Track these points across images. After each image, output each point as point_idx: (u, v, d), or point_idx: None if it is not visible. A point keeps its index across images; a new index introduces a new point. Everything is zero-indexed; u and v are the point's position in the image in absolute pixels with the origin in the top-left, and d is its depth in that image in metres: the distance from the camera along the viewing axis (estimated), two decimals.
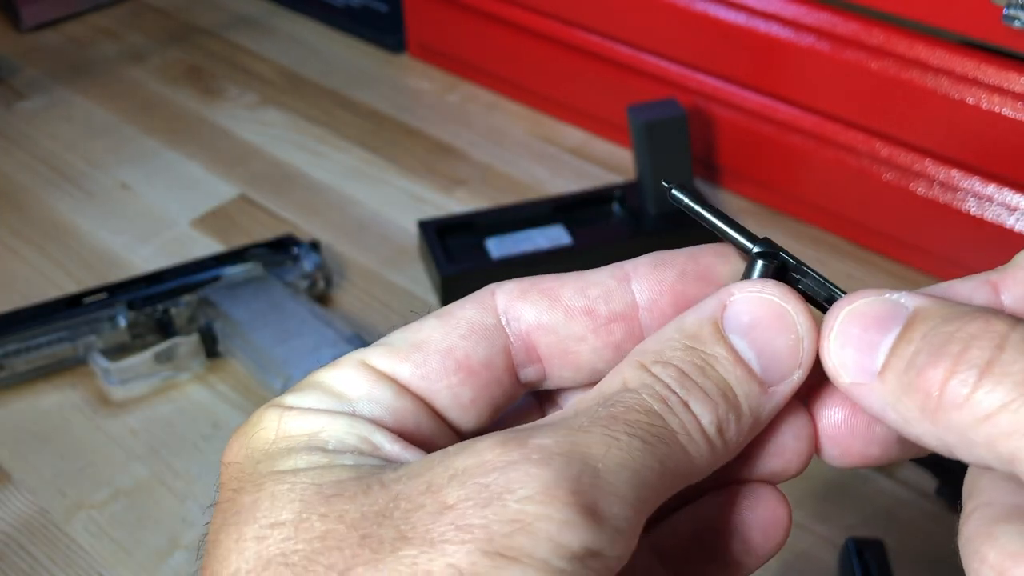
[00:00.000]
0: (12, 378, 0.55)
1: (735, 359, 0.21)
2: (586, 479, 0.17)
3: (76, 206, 0.69)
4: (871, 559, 0.43)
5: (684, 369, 0.20)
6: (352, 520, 0.18)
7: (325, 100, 0.80)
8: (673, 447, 0.19)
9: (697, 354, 0.21)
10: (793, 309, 0.21)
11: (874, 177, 0.60)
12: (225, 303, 0.55)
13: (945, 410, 0.18)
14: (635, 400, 0.19)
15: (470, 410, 0.22)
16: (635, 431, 0.19)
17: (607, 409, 0.19)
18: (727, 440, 0.20)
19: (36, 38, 0.89)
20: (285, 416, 0.20)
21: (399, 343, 0.22)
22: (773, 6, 0.60)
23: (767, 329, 0.21)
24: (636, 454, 0.18)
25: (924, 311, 0.19)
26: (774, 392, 0.21)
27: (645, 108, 0.61)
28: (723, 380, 0.21)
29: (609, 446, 0.18)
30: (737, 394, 0.21)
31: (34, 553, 0.47)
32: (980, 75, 0.54)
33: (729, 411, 0.20)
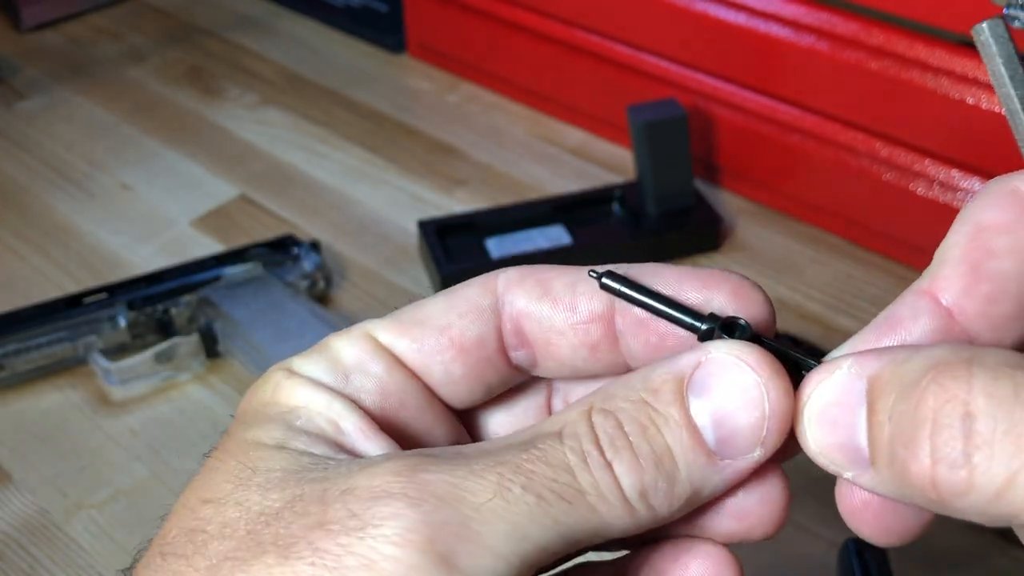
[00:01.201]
0: (12, 378, 0.55)
1: (685, 424, 0.19)
2: (451, 527, 0.17)
3: (76, 206, 0.69)
4: (871, 559, 0.43)
5: (624, 424, 0.19)
6: (253, 514, 0.18)
7: (325, 100, 0.80)
8: (577, 505, 0.18)
9: (647, 411, 0.19)
10: (765, 383, 0.19)
11: (874, 177, 0.60)
12: (225, 303, 0.55)
13: (952, 500, 0.16)
14: (553, 452, 0.19)
15: (461, 386, 0.22)
16: (532, 485, 0.18)
17: (521, 454, 0.19)
18: (653, 506, 0.19)
19: (36, 38, 0.89)
20: (283, 382, 0.21)
21: (404, 317, 0.23)
22: (773, 6, 0.60)
23: (731, 399, 0.19)
24: (522, 508, 0.18)
25: (877, 382, 0.18)
26: (726, 466, 0.20)
27: (645, 108, 0.61)
28: (663, 444, 0.19)
29: (494, 495, 0.18)
30: (677, 462, 0.19)
31: (34, 553, 0.47)
32: (980, 75, 0.54)
33: (660, 478, 0.19)
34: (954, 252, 0.20)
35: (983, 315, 0.19)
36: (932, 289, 0.20)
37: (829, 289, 0.61)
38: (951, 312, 0.20)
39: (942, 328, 0.20)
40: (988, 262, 0.19)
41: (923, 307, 0.20)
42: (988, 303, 0.19)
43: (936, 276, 0.20)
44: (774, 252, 0.64)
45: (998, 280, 0.19)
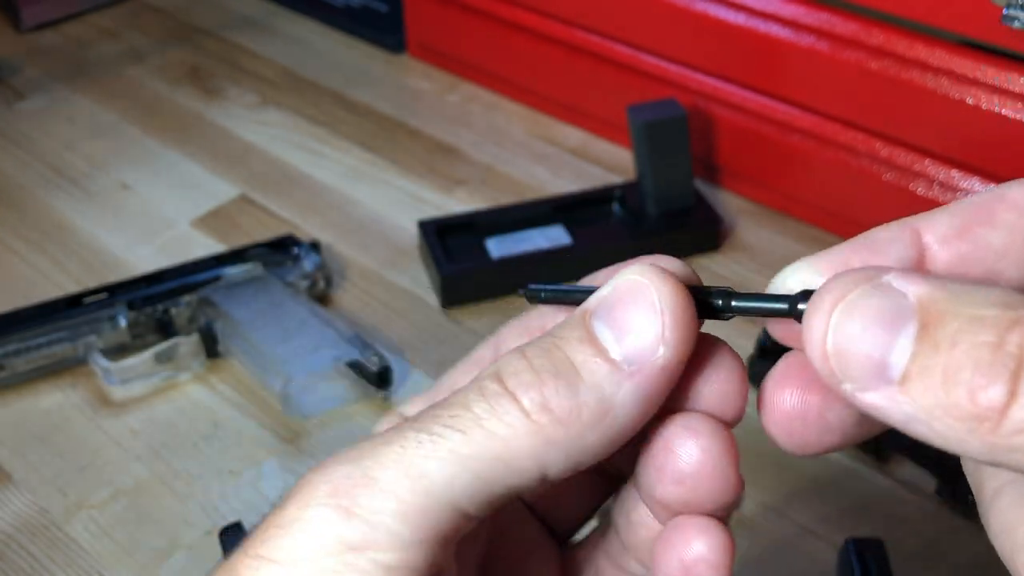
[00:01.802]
0: (12, 378, 0.55)
1: (584, 338, 0.20)
2: (351, 479, 0.19)
3: (76, 206, 0.69)
4: (871, 559, 0.43)
5: (528, 352, 0.20)
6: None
7: (325, 100, 0.80)
8: (472, 435, 0.19)
9: (552, 340, 0.20)
10: (651, 281, 0.20)
11: (874, 177, 0.60)
12: (225, 303, 0.55)
13: (1006, 433, 0.16)
14: (457, 396, 0.20)
15: None
16: (428, 426, 0.19)
17: (433, 407, 0.20)
18: (559, 418, 0.19)
19: (36, 38, 0.89)
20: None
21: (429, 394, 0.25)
22: (773, 6, 0.60)
23: (624, 306, 0.20)
24: (416, 449, 0.19)
25: (935, 305, 0.17)
26: (634, 372, 0.19)
27: (645, 108, 0.61)
28: (563, 357, 0.20)
29: (389, 443, 0.19)
30: (579, 370, 0.19)
31: (34, 553, 0.47)
32: (980, 75, 0.54)
33: (560, 386, 0.19)
34: (960, 205, 0.20)
35: (948, 270, 0.20)
36: (918, 225, 0.20)
37: None
38: (924, 251, 0.20)
39: (911, 261, 0.20)
40: (982, 226, 0.20)
41: (903, 238, 0.20)
42: (960, 261, 0.20)
43: (930, 217, 0.20)
44: (774, 252, 0.64)
45: (980, 245, 0.19)
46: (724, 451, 0.21)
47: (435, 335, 0.58)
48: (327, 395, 0.54)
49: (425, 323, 0.59)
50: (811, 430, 0.20)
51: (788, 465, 0.48)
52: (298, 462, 0.51)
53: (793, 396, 0.20)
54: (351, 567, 0.18)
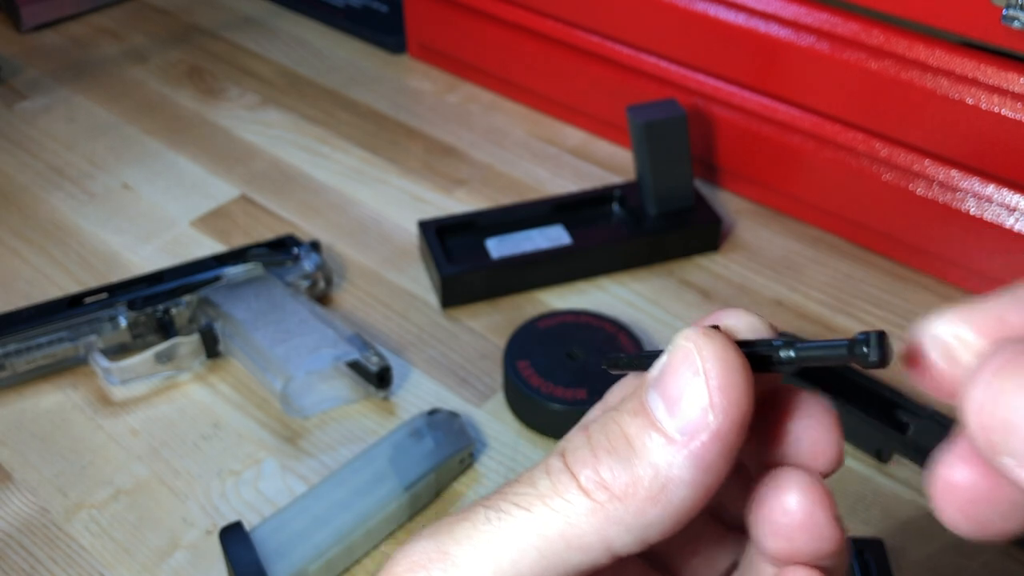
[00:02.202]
0: (13, 378, 0.55)
1: (638, 411, 0.20)
2: (428, 554, 0.20)
3: (77, 206, 0.69)
4: (871, 558, 0.43)
5: (589, 428, 0.20)
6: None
7: (326, 101, 0.80)
8: (536, 512, 0.19)
9: (611, 414, 0.20)
10: (695, 345, 0.19)
11: (873, 177, 0.61)
12: (226, 303, 0.55)
13: None
14: (529, 471, 0.20)
15: None
16: (494, 503, 0.20)
17: (506, 484, 0.20)
18: (617, 495, 0.19)
19: (37, 38, 0.90)
20: None
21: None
22: (773, 6, 0.60)
23: (672, 374, 0.19)
24: (486, 526, 0.19)
25: None
26: (688, 442, 0.19)
27: (645, 108, 0.61)
28: (618, 432, 0.20)
29: (462, 521, 0.20)
30: (633, 445, 0.19)
31: (34, 552, 0.47)
32: (979, 75, 0.54)
33: (616, 464, 0.19)
34: None
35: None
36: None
37: (828, 289, 0.61)
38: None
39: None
40: None
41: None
42: None
43: None
44: (774, 252, 0.64)
45: None
46: (816, 503, 0.20)
47: (435, 335, 0.58)
48: (327, 395, 0.54)
49: (425, 323, 0.59)
50: (986, 510, 0.18)
51: None
52: (298, 461, 0.51)
53: (966, 474, 0.18)
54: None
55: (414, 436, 0.48)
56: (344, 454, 0.51)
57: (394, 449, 0.47)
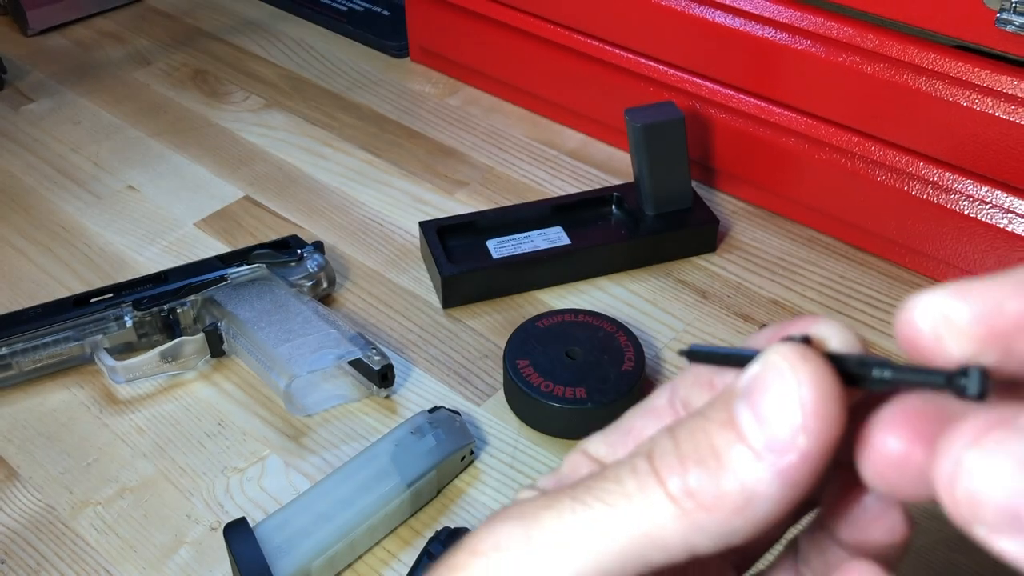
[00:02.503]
0: (19, 377, 0.55)
1: (727, 422, 0.20)
2: (513, 537, 0.21)
3: (83, 207, 0.70)
4: None
5: (677, 435, 0.20)
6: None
7: (328, 103, 0.80)
8: (619, 508, 0.20)
9: (699, 420, 0.20)
10: (792, 365, 0.19)
11: (868, 179, 0.61)
12: (230, 303, 0.56)
13: None
14: (612, 467, 0.21)
15: None
16: (580, 495, 0.20)
17: (592, 475, 0.21)
18: (702, 504, 0.19)
19: (42, 42, 0.90)
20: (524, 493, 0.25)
21: (610, 428, 0.26)
22: (768, 10, 0.61)
23: (769, 393, 0.19)
24: (568, 516, 0.20)
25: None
26: (777, 460, 0.19)
27: (643, 111, 0.61)
28: (707, 444, 0.20)
29: (548, 507, 0.21)
30: (720, 458, 0.19)
31: (41, 550, 0.48)
32: (974, 78, 0.54)
33: (703, 475, 0.19)
34: None
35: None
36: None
37: (824, 289, 0.61)
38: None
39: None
40: None
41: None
42: None
43: None
44: (770, 253, 0.64)
45: None
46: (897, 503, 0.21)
47: (436, 334, 0.59)
48: (330, 393, 0.54)
49: (426, 322, 0.59)
50: (906, 481, 0.19)
51: None
52: (301, 459, 0.51)
53: (898, 444, 0.19)
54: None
55: (416, 434, 0.49)
56: (347, 452, 0.51)
57: (396, 447, 0.48)
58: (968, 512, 0.17)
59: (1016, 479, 0.16)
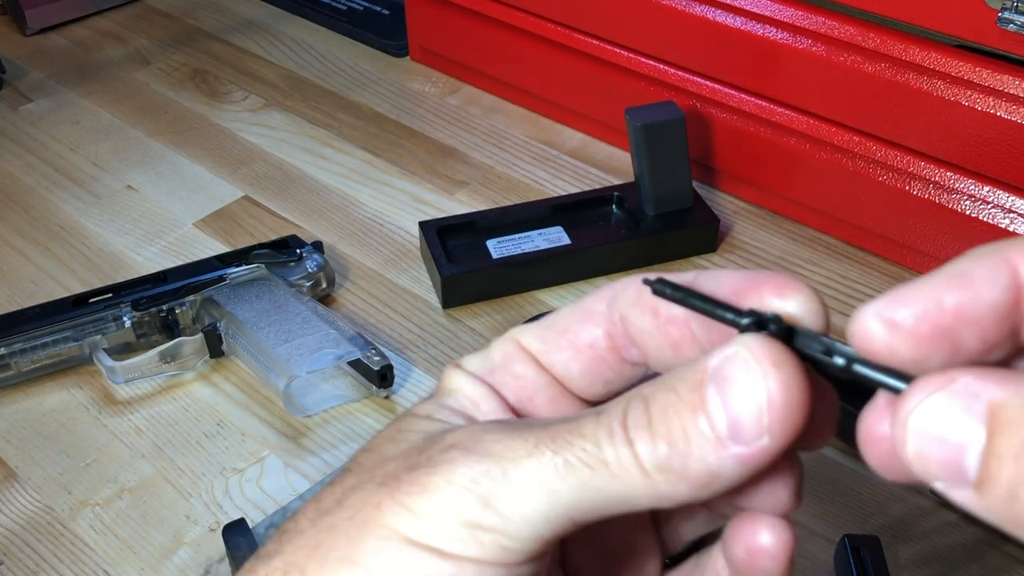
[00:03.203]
0: (18, 377, 0.55)
1: (699, 409, 0.21)
2: (492, 474, 0.22)
3: (82, 207, 0.70)
4: (867, 556, 0.43)
5: (651, 408, 0.22)
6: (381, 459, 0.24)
7: (328, 103, 0.80)
8: (599, 472, 0.21)
9: (672, 397, 0.21)
10: (764, 372, 0.20)
11: (870, 179, 0.61)
12: (229, 303, 0.56)
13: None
14: (588, 426, 0.22)
15: (582, 381, 0.26)
16: (562, 450, 0.22)
17: (563, 425, 0.22)
18: (671, 479, 0.21)
19: (41, 41, 0.90)
20: (450, 371, 0.26)
21: (543, 322, 0.26)
22: (769, 10, 0.61)
23: (737, 388, 0.21)
24: (550, 468, 0.22)
25: (1001, 413, 0.17)
26: (739, 452, 0.21)
27: (643, 111, 0.61)
28: (679, 426, 0.21)
29: (530, 454, 0.22)
30: (690, 443, 0.21)
31: (39, 550, 0.48)
32: (975, 77, 0.54)
33: (674, 456, 0.21)
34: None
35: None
36: (1014, 259, 0.19)
37: (825, 290, 0.61)
38: (1021, 291, 0.19)
39: (1006, 307, 0.19)
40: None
41: (1001, 277, 0.19)
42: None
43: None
44: (771, 253, 0.64)
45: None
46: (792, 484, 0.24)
47: (436, 335, 0.58)
48: (329, 394, 0.54)
49: (426, 323, 0.59)
50: (904, 464, 0.20)
51: None
52: (301, 459, 0.51)
53: (887, 428, 0.20)
54: (477, 540, 0.22)
55: None
56: (346, 452, 0.51)
57: None
58: (922, 470, 0.18)
59: (952, 434, 0.18)
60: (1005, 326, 0.19)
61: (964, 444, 0.18)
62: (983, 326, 0.19)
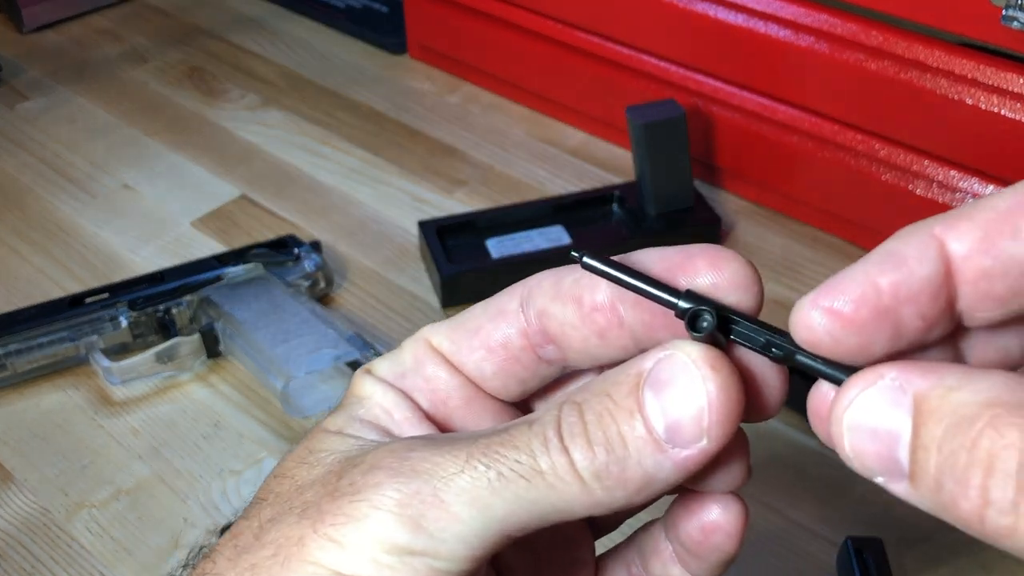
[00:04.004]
0: (14, 378, 0.55)
1: (637, 414, 0.21)
2: (421, 495, 0.21)
3: (78, 206, 0.69)
4: (870, 558, 0.43)
5: (585, 414, 0.21)
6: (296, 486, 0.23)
7: (326, 101, 0.80)
8: (535, 484, 0.21)
9: (607, 403, 0.21)
10: (703, 376, 0.21)
11: (872, 177, 0.61)
12: (226, 303, 0.56)
13: (996, 539, 0.17)
14: (520, 436, 0.21)
15: (496, 382, 0.25)
16: (495, 463, 0.21)
17: (493, 437, 0.22)
18: (608, 487, 0.21)
19: (38, 39, 0.90)
20: (359, 377, 0.26)
21: (454, 322, 0.26)
22: (772, 7, 0.60)
23: (675, 392, 0.21)
24: (484, 482, 0.21)
25: (924, 404, 0.18)
26: (676, 454, 0.21)
27: (644, 109, 0.61)
28: (616, 432, 0.21)
29: (462, 470, 0.21)
30: (628, 448, 0.21)
31: (35, 552, 0.47)
32: (979, 76, 0.54)
33: (611, 462, 0.21)
34: (982, 213, 0.19)
35: (971, 284, 0.19)
36: (942, 234, 0.19)
37: None
38: (950, 264, 0.19)
39: (937, 279, 0.19)
40: (1004, 239, 0.19)
41: (930, 252, 0.19)
42: (983, 276, 0.19)
43: (953, 226, 0.19)
44: (773, 252, 0.64)
45: (1003, 260, 0.19)
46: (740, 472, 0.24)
47: None
48: (327, 394, 0.54)
49: (425, 323, 0.58)
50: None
51: (788, 465, 0.49)
52: None
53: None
54: (407, 566, 0.21)
55: None
56: None
57: None
58: (861, 466, 0.19)
59: (882, 428, 0.18)
60: (940, 300, 0.19)
61: (895, 437, 0.18)
62: (920, 303, 0.19)
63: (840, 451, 0.19)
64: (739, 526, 0.24)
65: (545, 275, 0.25)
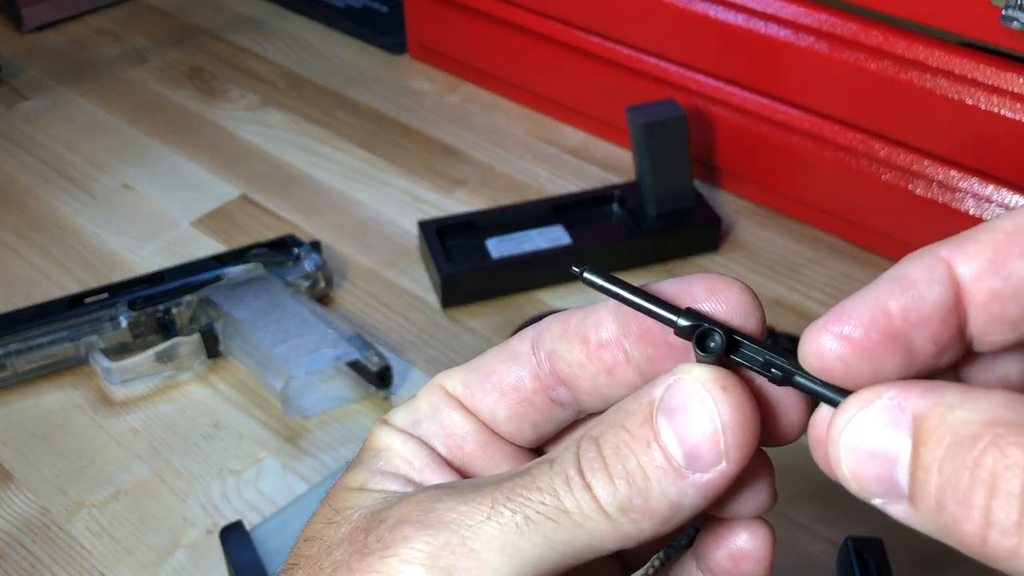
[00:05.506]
0: (14, 378, 0.55)
1: (654, 443, 0.21)
2: (451, 546, 0.21)
3: (78, 206, 0.69)
4: (870, 558, 0.43)
5: (603, 448, 0.21)
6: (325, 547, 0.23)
7: (326, 101, 0.80)
8: (563, 524, 0.21)
9: (623, 434, 0.21)
10: (715, 398, 0.20)
11: (873, 177, 0.61)
12: (226, 303, 0.55)
13: (998, 560, 0.17)
14: (542, 477, 0.21)
15: (510, 426, 0.25)
16: (521, 507, 0.21)
17: (516, 480, 0.21)
18: (635, 519, 0.21)
19: (37, 39, 0.90)
20: (376, 429, 0.25)
21: (469, 366, 0.25)
22: (772, 7, 0.60)
23: (688, 417, 0.21)
24: (511, 528, 0.21)
25: (924, 424, 0.18)
26: (698, 479, 0.21)
27: (644, 109, 0.61)
28: (635, 463, 0.21)
29: (488, 517, 0.21)
30: (649, 478, 0.21)
31: (35, 552, 0.47)
32: (979, 75, 0.54)
33: (634, 494, 0.21)
34: (989, 235, 0.19)
35: (982, 307, 0.19)
36: (950, 257, 0.19)
37: (828, 289, 0.61)
38: (959, 288, 0.19)
39: (947, 303, 0.19)
40: (1014, 260, 0.18)
41: (939, 276, 0.19)
42: (994, 298, 0.19)
43: (960, 249, 0.19)
44: (773, 252, 0.64)
45: (1013, 281, 0.19)
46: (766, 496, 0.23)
47: (435, 335, 0.58)
48: (327, 394, 0.54)
49: (425, 323, 0.59)
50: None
51: (788, 465, 0.49)
52: (298, 461, 0.51)
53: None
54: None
55: None
56: (344, 454, 0.51)
57: None
58: (859, 488, 0.19)
59: (882, 449, 0.18)
60: (951, 324, 0.19)
61: (894, 457, 0.18)
62: (931, 327, 0.19)
63: (838, 474, 0.19)
64: (767, 552, 0.23)
65: (554, 317, 0.25)
